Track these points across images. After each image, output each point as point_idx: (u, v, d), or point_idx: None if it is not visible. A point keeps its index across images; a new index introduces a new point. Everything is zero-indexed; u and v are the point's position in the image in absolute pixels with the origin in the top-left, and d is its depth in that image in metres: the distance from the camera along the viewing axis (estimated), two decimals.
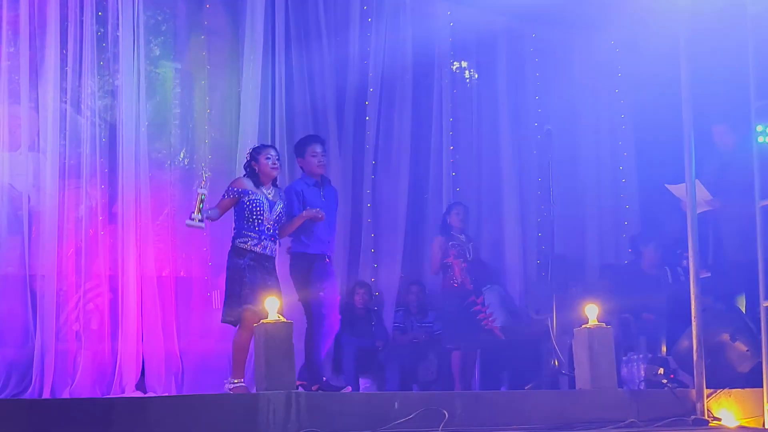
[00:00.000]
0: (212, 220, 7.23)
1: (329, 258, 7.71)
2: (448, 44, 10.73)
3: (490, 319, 9.09)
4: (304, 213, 7.43)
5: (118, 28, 9.21)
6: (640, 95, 11.21)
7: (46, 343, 8.50)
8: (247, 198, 7.21)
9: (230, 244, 7.33)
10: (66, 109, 9.02)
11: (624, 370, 8.63)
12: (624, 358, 8.78)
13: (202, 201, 6.99)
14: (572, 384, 8.50)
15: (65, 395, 8.41)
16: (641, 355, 8.75)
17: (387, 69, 10.37)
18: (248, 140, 9.59)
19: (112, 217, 8.98)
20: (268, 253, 7.28)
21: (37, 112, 8.95)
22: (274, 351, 6.81)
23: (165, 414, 6.50)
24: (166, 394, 8.43)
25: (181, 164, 9.53)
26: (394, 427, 6.67)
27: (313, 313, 7.62)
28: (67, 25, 9.04)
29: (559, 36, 11.37)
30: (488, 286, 9.82)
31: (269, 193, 7.35)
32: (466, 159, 10.71)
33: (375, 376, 9.60)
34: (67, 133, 9.02)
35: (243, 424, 6.50)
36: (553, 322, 8.85)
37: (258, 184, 7.32)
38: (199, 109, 9.68)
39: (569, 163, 11.05)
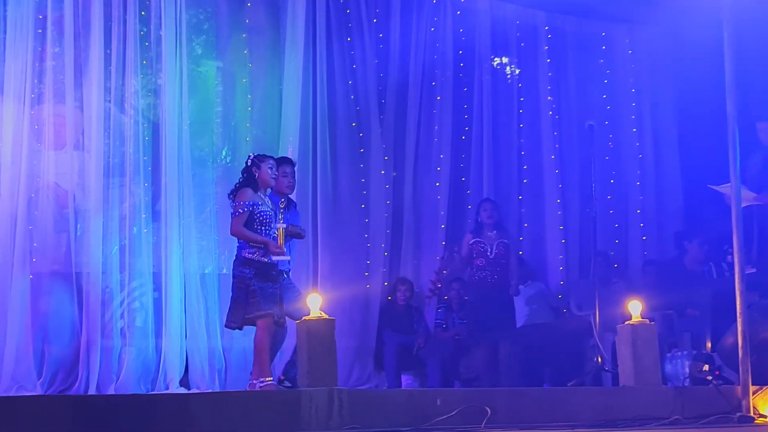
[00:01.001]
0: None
1: (287, 272, 7.72)
2: (489, 40, 10.69)
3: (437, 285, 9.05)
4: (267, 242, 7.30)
5: (160, 28, 9.30)
6: (682, 90, 11.10)
7: (92, 339, 8.60)
8: (257, 210, 7.25)
9: (236, 254, 7.33)
10: (110, 108, 9.13)
11: (668, 367, 8.56)
12: (668, 354, 8.71)
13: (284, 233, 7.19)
14: (615, 381, 8.44)
15: (110, 392, 8.50)
16: (685, 352, 8.67)
17: (428, 65, 10.36)
18: (289, 137, 9.65)
19: (155, 214, 9.06)
20: (274, 262, 7.31)
21: (82, 112, 9.06)
22: (316, 348, 6.84)
23: (208, 411, 6.56)
24: (210, 391, 8.48)
25: (223, 162, 9.60)
26: (436, 423, 6.66)
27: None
28: (111, 24, 9.14)
29: (601, 30, 11.30)
30: (529, 282, 9.79)
31: (270, 202, 7.42)
32: (506, 155, 10.67)
33: (417, 373, 9.61)
34: (111, 131, 9.12)
35: (285, 421, 6.53)
36: (596, 318, 8.80)
37: (256, 190, 7.34)
38: (240, 107, 9.74)
39: (611, 158, 10.99)
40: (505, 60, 10.99)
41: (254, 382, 7.31)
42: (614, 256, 10.49)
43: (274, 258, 7.18)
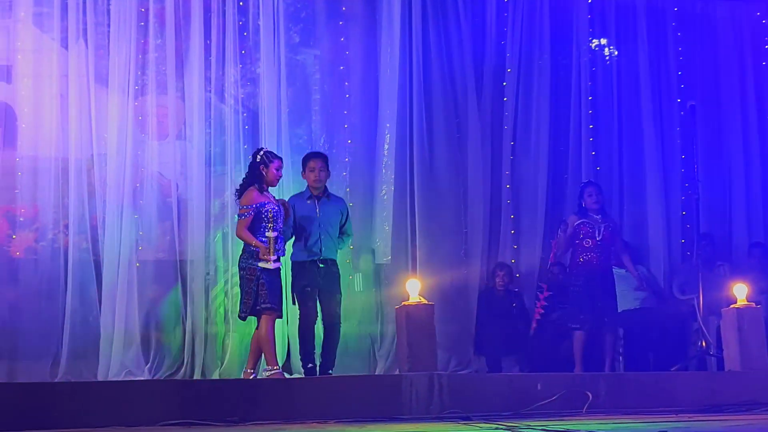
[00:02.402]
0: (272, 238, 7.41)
1: (323, 262, 7.97)
2: (586, 21, 10.54)
3: (537, 314, 9.01)
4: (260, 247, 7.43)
5: (258, 17, 9.43)
6: None
7: (197, 325, 8.80)
8: (263, 209, 7.43)
9: (244, 247, 7.49)
10: (210, 98, 9.30)
11: None
12: None
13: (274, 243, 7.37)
14: (720, 365, 8.31)
15: (215, 377, 8.67)
16: None
17: (525, 48, 10.27)
18: (386, 123, 9.69)
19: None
20: (280, 256, 7.50)
21: (184, 102, 9.25)
22: (416, 333, 6.88)
23: (309, 395, 6.65)
24: (311, 376, 8.58)
25: (322, 149, 9.68)
26: (537, 408, 6.65)
27: (300, 309, 8.02)
28: (210, 15, 9.31)
29: (701, 8, 11.04)
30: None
31: (274, 199, 7.64)
32: (606, 137, 10.52)
33: (517, 358, 9.57)
34: (212, 121, 9.30)
35: (386, 406, 6.59)
36: (700, 301, 8.66)
37: (261, 189, 7.52)
38: (338, 94, 9.80)
39: (714, 139, 10.75)
40: (603, 41, 10.82)
41: (249, 371, 7.45)
42: (719, 238, 10.27)
43: (260, 264, 7.34)
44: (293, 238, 8.03)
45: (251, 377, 7.43)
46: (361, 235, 9.59)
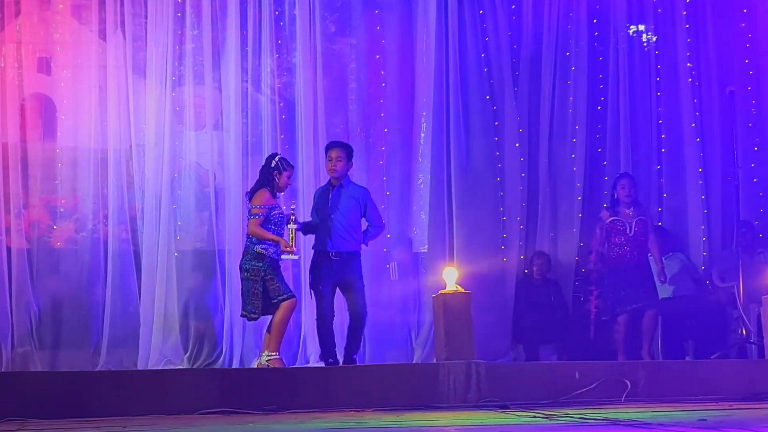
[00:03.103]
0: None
1: (337, 254, 7.86)
2: (624, 6, 10.45)
3: (593, 311, 8.94)
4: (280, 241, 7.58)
5: (294, 7, 9.45)
6: None
7: (235, 314, 8.84)
8: (275, 212, 7.57)
9: (246, 248, 7.59)
10: (247, 88, 9.35)
11: None
12: None
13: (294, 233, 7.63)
14: (761, 353, 8.23)
15: (253, 365, 8.71)
16: None
17: (561, 35, 10.19)
18: (423, 111, 9.67)
19: (292, 191, 9.22)
20: (280, 258, 7.63)
21: (220, 92, 9.30)
22: (453, 321, 6.88)
23: (347, 384, 6.68)
24: (349, 365, 8.60)
25: (358, 138, 9.68)
26: (575, 397, 6.63)
27: (316, 306, 8.00)
28: (246, 6, 9.36)
29: None
30: (670, 254, 9.58)
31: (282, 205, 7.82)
32: (644, 124, 10.43)
33: (555, 346, 9.54)
34: (249, 111, 9.34)
35: (423, 394, 6.60)
36: (740, 289, 8.58)
37: (273, 193, 7.64)
38: (374, 84, 9.80)
39: (754, 125, 10.62)
40: (641, 27, 10.71)
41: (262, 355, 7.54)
42: (759, 225, 10.16)
43: (283, 257, 7.60)
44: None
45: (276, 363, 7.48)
46: (398, 224, 9.61)
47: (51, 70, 9.29)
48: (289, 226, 7.57)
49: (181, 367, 8.59)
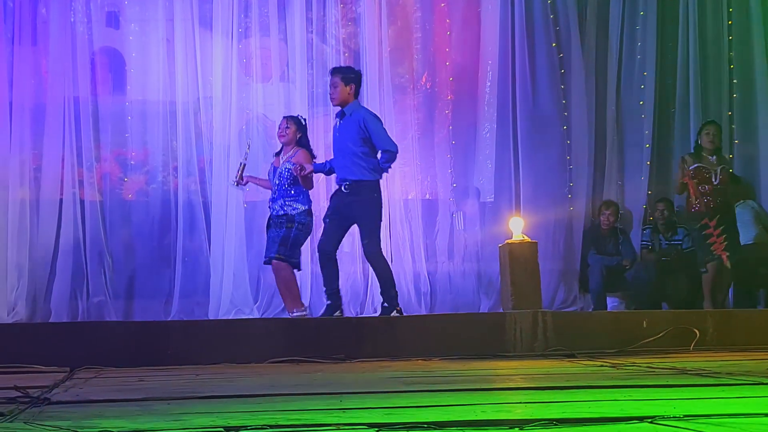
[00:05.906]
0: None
1: (347, 186, 7.49)
2: None
3: (720, 245, 8.77)
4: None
5: None
6: None
7: (304, 264, 8.91)
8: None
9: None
10: (312, 39, 9.35)
11: None
12: None
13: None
14: None
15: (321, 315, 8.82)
16: None
17: None
18: (488, 60, 9.60)
19: None
20: (276, 213, 7.73)
21: (286, 44, 9.32)
22: (520, 271, 6.88)
23: (414, 333, 6.73)
24: (416, 314, 8.67)
25: (423, 88, 9.65)
26: (643, 345, 6.61)
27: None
28: None
29: None
30: (741, 202, 9.44)
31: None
32: (715, 70, 10.22)
33: (623, 295, 9.49)
34: (314, 62, 9.35)
35: (490, 344, 6.63)
36: None
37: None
38: (439, 32, 9.74)
39: None
40: None
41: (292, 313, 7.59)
42: None
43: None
44: None
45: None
46: (464, 173, 9.59)
47: (120, 24, 9.40)
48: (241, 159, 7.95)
49: (251, 317, 8.72)
